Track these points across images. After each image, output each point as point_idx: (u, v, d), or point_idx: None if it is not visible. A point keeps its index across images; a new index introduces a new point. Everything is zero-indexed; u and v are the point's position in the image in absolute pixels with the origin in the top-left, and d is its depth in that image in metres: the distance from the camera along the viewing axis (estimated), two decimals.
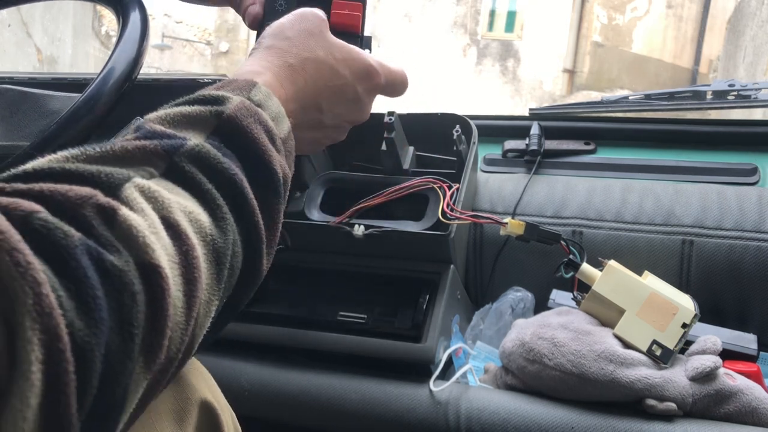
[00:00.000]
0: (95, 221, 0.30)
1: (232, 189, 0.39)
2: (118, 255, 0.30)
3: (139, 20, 0.64)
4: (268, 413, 0.75)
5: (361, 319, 0.76)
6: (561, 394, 0.68)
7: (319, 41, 0.54)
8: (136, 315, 0.30)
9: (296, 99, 0.51)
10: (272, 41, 0.53)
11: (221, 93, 0.43)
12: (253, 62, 0.51)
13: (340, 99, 0.55)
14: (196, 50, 8.54)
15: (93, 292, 0.28)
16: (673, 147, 1.03)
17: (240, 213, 0.39)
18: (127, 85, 0.62)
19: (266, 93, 0.46)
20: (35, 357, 0.24)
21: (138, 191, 0.34)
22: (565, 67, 7.72)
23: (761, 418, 0.64)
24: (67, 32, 5.33)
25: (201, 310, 0.35)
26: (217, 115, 0.41)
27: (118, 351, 0.29)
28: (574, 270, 0.72)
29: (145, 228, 0.32)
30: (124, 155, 0.36)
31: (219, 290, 0.37)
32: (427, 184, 0.78)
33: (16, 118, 0.68)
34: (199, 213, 0.36)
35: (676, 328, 0.68)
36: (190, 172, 0.37)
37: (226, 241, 0.37)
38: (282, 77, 0.50)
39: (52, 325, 0.25)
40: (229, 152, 0.40)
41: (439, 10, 7.94)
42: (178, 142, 0.38)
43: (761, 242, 0.81)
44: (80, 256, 0.28)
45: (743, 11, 4.77)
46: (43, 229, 0.28)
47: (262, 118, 0.43)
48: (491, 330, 0.83)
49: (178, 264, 0.33)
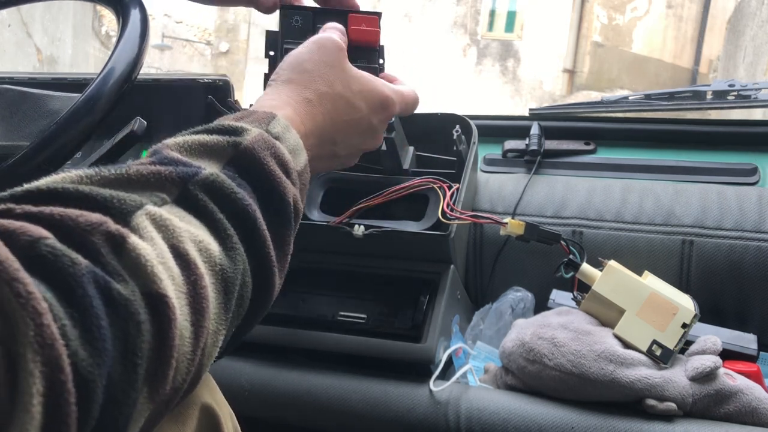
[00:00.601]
0: (104, 249, 0.30)
1: (244, 219, 0.39)
2: (124, 284, 0.30)
3: (139, 20, 0.64)
4: (268, 413, 0.75)
5: (361, 319, 0.76)
6: (561, 394, 0.68)
7: (337, 73, 0.55)
8: (140, 345, 0.30)
9: (314, 134, 0.52)
10: (291, 75, 0.53)
11: (240, 124, 0.43)
12: (272, 95, 0.52)
13: (355, 131, 0.57)
14: (196, 50, 8.54)
15: (98, 321, 0.28)
16: (673, 147, 1.03)
17: (251, 243, 0.39)
18: (127, 85, 0.62)
19: (285, 126, 0.46)
20: (36, 390, 0.24)
21: (149, 219, 0.34)
22: (565, 67, 7.72)
23: (761, 418, 0.64)
24: (67, 32, 5.33)
25: (209, 340, 0.35)
26: (234, 146, 0.41)
27: (120, 381, 0.29)
28: (574, 270, 0.72)
29: (154, 257, 0.32)
30: (138, 179, 0.36)
31: (227, 320, 0.37)
32: (427, 184, 0.78)
33: (16, 118, 0.68)
34: (209, 242, 0.36)
35: (676, 328, 0.68)
36: (202, 200, 0.37)
37: (235, 270, 0.37)
38: (301, 112, 0.51)
39: (54, 357, 0.25)
40: (243, 183, 0.40)
41: (439, 10, 7.93)
42: (192, 170, 0.38)
43: (761, 242, 0.81)
44: (87, 285, 0.28)
45: (743, 11, 4.77)
46: (50, 256, 0.28)
47: (279, 151, 0.44)
48: (491, 330, 0.83)
49: (186, 294, 0.33)
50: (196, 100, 0.92)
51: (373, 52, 0.63)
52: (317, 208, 0.83)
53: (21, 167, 0.58)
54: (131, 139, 0.66)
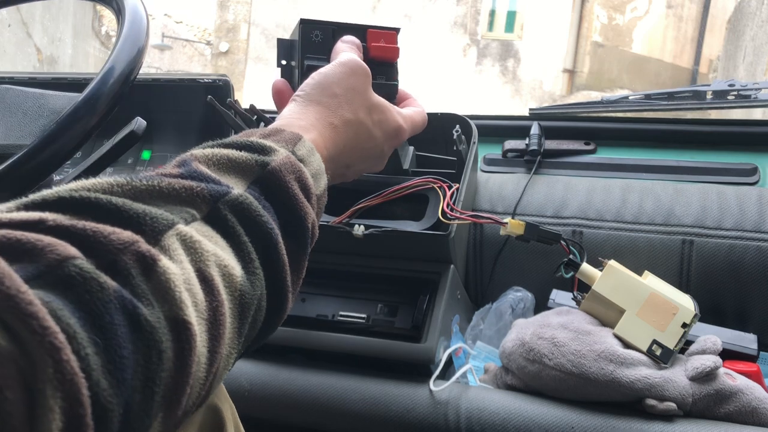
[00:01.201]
0: (134, 270, 0.30)
1: (266, 243, 0.39)
2: (151, 309, 0.30)
3: (138, 20, 0.64)
4: (268, 413, 0.75)
5: (361, 319, 0.76)
6: (561, 394, 0.68)
7: (362, 101, 0.56)
8: (160, 373, 0.29)
9: (333, 159, 0.53)
10: (319, 96, 0.54)
11: (269, 143, 0.44)
12: (299, 115, 0.52)
13: (367, 158, 0.59)
14: (196, 50, 8.54)
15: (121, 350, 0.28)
16: (673, 147, 1.03)
17: (270, 267, 0.40)
18: (127, 85, 0.62)
19: (310, 149, 0.47)
20: (56, 426, 0.24)
21: (179, 240, 0.34)
22: (565, 67, 7.72)
23: (761, 418, 0.64)
24: (67, 32, 5.33)
25: (221, 365, 0.35)
26: (262, 166, 0.42)
27: (138, 409, 0.29)
28: (574, 270, 0.72)
29: (181, 282, 0.32)
30: (170, 193, 0.36)
31: (239, 344, 0.37)
32: (427, 184, 0.78)
33: (16, 118, 0.68)
34: (233, 266, 0.37)
35: (676, 328, 0.68)
36: (231, 221, 0.38)
37: (253, 296, 0.38)
38: (326, 137, 0.52)
39: (74, 392, 0.25)
40: (267, 205, 0.41)
41: (439, 10, 7.93)
42: (223, 190, 0.38)
43: (761, 242, 0.81)
44: (114, 311, 0.28)
45: (743, 11, 4.77)
46: (78, 278, 0.27)
47: (303, 175, 0.44)
48: (491, 330, 0.83)
49: (206, 320, 0.33)
50: (196, 100, 0.92)
51: (391, 68, 0.65)
52: None
53: (21, 167, 0.58)
54: (131, 139, 0.66)
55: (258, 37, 8.09)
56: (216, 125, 0.93)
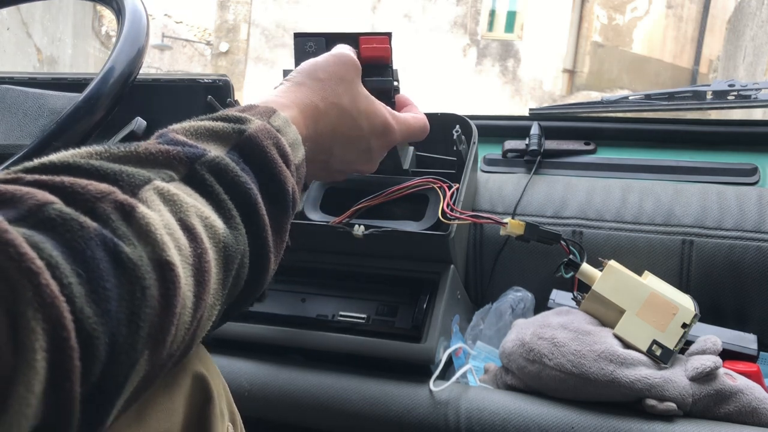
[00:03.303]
0: (113, 215, 0.31)
1: (246, 202, 0.40)
2: (133, 248, 0.31)
3: (138, 20, 0.64)
4: (268, 413, 0.75)
5: (361, 319, 0.76)
6: (561, 394, 0.68)
7: (348, 88, 0.57)
8: (145, 309, 0.30)
9: (313, 139, 0.54)
10: (304, 79, 0.56)
11: (244, 115, 0.45)
12: (282, 95, 0.53)
13: (352, 148, 0.59)
14: (196, 50, 8.54)
15: (104, 282, 0.28)
16: (673, 147, 1.03)
17: (251, 226, 0.41)
18: (127, 86, 0.62)
19: (285, 120, 0.48)
20: (39, 345, 0.25)
21: (157, 193, 0.35)
22: (565, 67, 7.72)
23: (761, 418, 0.64)
24: (67, 32, 5.33)
25: (206, 313, 0.36)
26: (239, 132, 0.43)
27: (124, 342, 0.29)
28: (574, 270, 0.72)
29: (162, 227, 0.33)
30: (147, 157, 0.37)
31: (222, 296, 0.38)
32: (427, 184, 0.78)
33: (16, 118, 0.68)
34: (214, 219, 0.38)
35: (676, 328, 0.68)
36: (208, 180, 0.39)
37: (236, 249, 0.39)
38: (306, 115, 0.53)
39: (56, 314, 0.26)
40: (246, 168, 0.42)
41: (439, 10, 7.94)
42: (199, 152, 0.40)
43: (761, 242, 0.81)
44: (95, 247, 0.29)
45: (743, 11, 4.78)
46: (58, 219, 0.28)
47: (280, 142, 0.45)
48: (491, 330, 0.83)
49: (191, 266, 0.34)
50: (196, 100, 0.92)
51: (385, 69, 0.65)
52: (317, 208, 0.83)
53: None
54: (131, 139, 0.66)
55: (258, 37, 8.09)
56: None
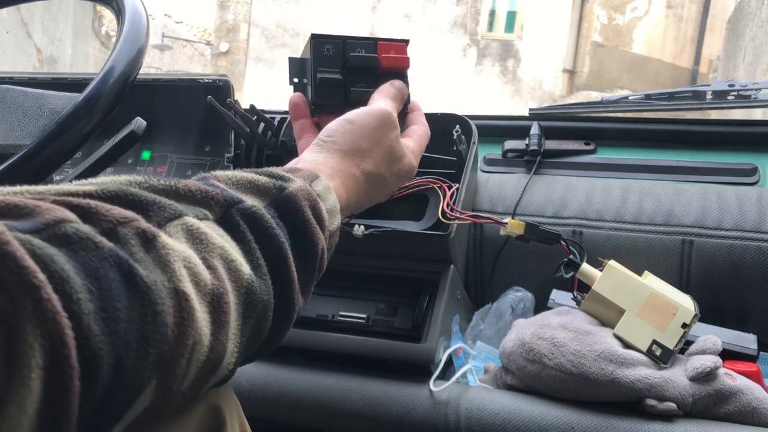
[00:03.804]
0: (132, 240, 0.30)
1: (277, 256, 0.40)
2: (148, 272, 0.30)
3: (138, 20, 0.64)
4: (268, 413, 0.75)
5: (361, 319, 0.76)
6: (561, 394, 0.68)
7: (385, 155, 0.58)
8: (155, 335, 0.29)
9: (349, 206, 0.55)
10: (346, 147, 0.56)
11: (288, 174, 0.46)
12: (323, 161, 0.54)
13: (377, 198, 0.60)
14: (196, 50, 8.54)
15: (114, 303, 0.27)
16: (673, 147, 1.03)
17: (279, 280, 0.40)
18: (127, 86, 0.62)
19: (326, 187, 0.49)
20: (36, 363, 0.24)
21: (184, 229, 0.34)
22: (565, 67, 7.72)
23: (761, 418, 0.64)
24: (67, 32, 5.32)
25: (224, 359, 0.35)
26: (279, 189, 0.43)
27: (131, 366, 0.28)
28: (574, 270, 0.72)
29: (181, 259, 0.32)
30: (185, 193, 0.37)
31: (241, 343, 0.37)
32: (427, 184, 0.78)
33: (16, 118, 0.68)
34: (240, 263, 0.37)
35: (676, 328, 0.68)
36: (242, 226, 0.38)
37: (260, 299, 0.38)
38: (348, 187, 0.54)
39: (56, 331, 0.25)
40: (281, 224, 0.42)
41: (439, 10, 7.93)
42: (237, 198, 0.39)
43: (761, 242, 0.81)
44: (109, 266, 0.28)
45: (743, 11, 4.78)
46: (75, 236, 0.28)
47: (318, 205, 0.46)
48: (491, 330, 0.83)
49: (209, 303, 0.33)
50: (196, 100, 0.92)
51: (403, 79, 0.65)
52: None
53: (21, 167, 0.58)
54: (131, 139, 0.66)
55: (258, 37, 8.09)
56: (216, 125, 0.93)
